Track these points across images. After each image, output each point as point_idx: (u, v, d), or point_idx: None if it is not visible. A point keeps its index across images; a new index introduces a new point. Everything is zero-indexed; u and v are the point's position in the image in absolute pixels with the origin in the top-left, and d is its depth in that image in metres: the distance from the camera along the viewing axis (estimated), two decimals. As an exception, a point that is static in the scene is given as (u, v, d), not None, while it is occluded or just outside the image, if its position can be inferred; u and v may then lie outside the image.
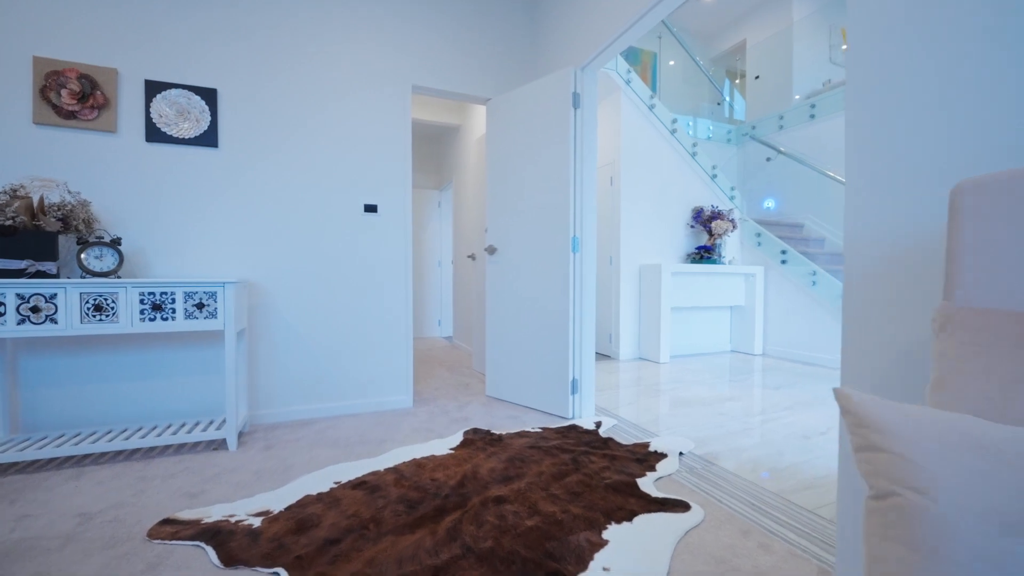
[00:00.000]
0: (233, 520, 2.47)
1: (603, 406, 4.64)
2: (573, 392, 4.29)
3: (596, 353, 7.64)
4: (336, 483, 2.91)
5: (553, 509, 2.53)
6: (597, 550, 2.19)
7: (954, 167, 1.53)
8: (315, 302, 4.31)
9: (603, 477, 2.93)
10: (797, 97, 8.92)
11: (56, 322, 3.08)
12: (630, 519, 2.47)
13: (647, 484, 2.87)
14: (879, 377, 1.73)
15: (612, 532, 2.34)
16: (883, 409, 0.86)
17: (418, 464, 3.17)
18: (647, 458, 3.26)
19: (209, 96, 3.94)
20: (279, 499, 2.71)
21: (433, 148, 10.15)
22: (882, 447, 0.83)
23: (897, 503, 0.78)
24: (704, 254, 7.57)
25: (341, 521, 2.43)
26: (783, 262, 7.36)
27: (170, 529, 2.39)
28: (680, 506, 2.61)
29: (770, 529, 2.42)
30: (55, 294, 3.08)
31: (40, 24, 3.53)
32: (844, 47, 9.07)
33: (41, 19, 3.53)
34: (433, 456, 3.33)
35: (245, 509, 2.60)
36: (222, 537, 2.30)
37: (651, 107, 7.42)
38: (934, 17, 1.58)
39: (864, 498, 0.88)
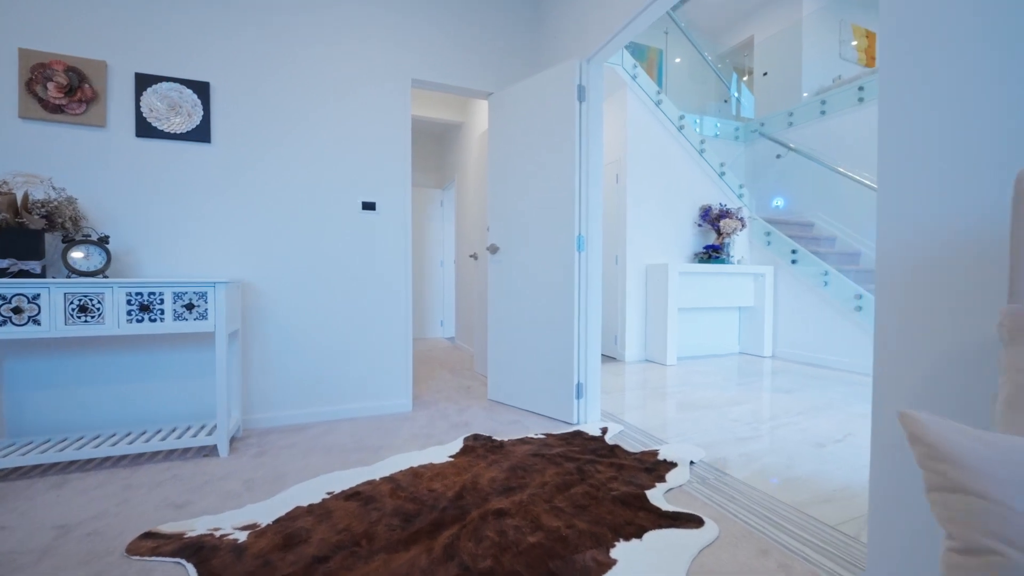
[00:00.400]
0: (218, 534, 2.33)
1: (609, 411, 4.50)
2: (578, 396, 4.15)
3: (601, 355, 7.50)
4: (329, 493, 2.77)
5: (557, 524, 2.39)
6: (605, 571, 2.04)
7: (1013, 153, 1.37)
8: (312, 303, 4.19)
9: (610, 488, 2.78)
10: (805, 95, 8.80)
11: (39, 323, 2.96)
12: (639, 536, 2.31)
13: (657, 496, 2.72)
14: (918, 389, 1.57)
15: (620, 550, 2.18)
16: (967, 439, 0.70)
17: (415, 473, 3.03)
18: (656, 467, 3.12)
19: (201, 90, 3.82)
20: (268, 511, 2.57)
21: (435, 146, 10.10)
22: (970, 489, 0.67)
23: (996, 563, 0.63)
24: (712, 253, 7.45)
25: (332, 536, 2.29)
26: (793, 262, 7.24)
27: (151, 544, 2.25)
28: (693, 521, 2.45)
29: (789, 547, 2.26)
30: (38, 294, 2.96)
31: (26, 15, 3.42)
32: (854, 43, 8.97)
33: (27, 10, 3.42)
34: (431, 464, 3.19)
35: (231, 522, 2.46)
36: (205, 553, 2.16)
37: (658, 103, 7.30)
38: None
39: (943, 549, 0.71)
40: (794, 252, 7.24)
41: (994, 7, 1.40)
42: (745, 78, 10.31)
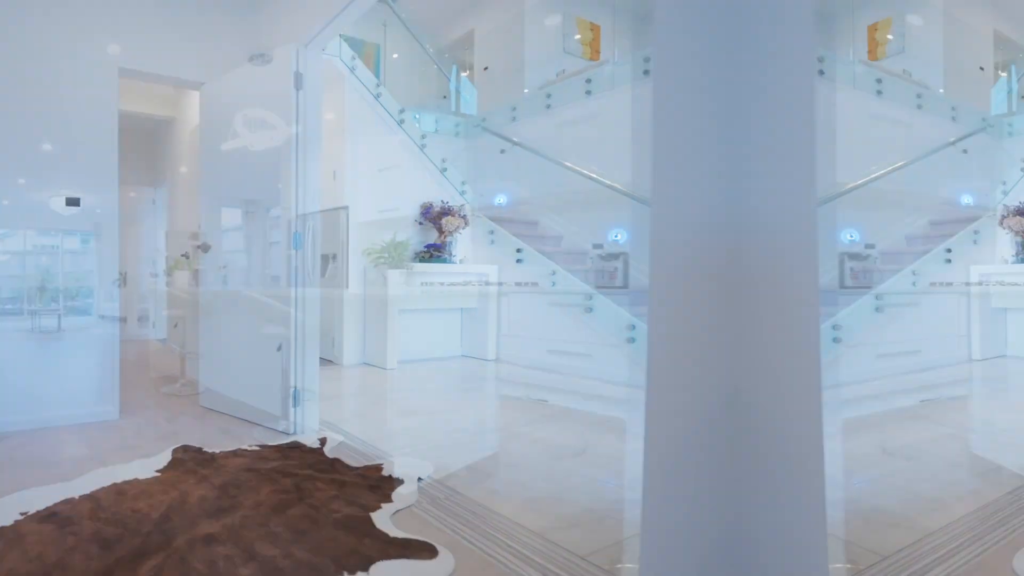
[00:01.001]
0: None
1: (328, 419, 4.40)
2: (295, 404, 4.11)
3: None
4: (23, 514, 2.55)
5: (273, 552, 2.27)
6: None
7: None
8: (3, 304, 3.83)
9: (332, 510, 2.69)
10: (526, 91, 8.88)
11: None
12: (366, 568, 2.16)
13: (383, 519, 2.61)
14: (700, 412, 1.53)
15: (345, 585, 2.19)
16: None
17: (119, 491, 2.87)
18: (381, 484, 3.04)
19: None
20: (-51, 540, 2.31)
21: (146, 143, 9.66)
22: None
23: None
24: (434, 252, 7.50)
25: (21, 566, 2.11)
26: (519, 261, 7.37)
27: None
28: (426, 550, 2.30)
29: (536, 583, 2.24)
30: None
31: None
32: (578, 36, 9.08)
33: None
34: (137, 480, 3.03)
35: None
36: None
37: (377, 96, 7.36)
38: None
39: None
40: (519, 251, 7.39)
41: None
42: (466, 73, 10.48)
